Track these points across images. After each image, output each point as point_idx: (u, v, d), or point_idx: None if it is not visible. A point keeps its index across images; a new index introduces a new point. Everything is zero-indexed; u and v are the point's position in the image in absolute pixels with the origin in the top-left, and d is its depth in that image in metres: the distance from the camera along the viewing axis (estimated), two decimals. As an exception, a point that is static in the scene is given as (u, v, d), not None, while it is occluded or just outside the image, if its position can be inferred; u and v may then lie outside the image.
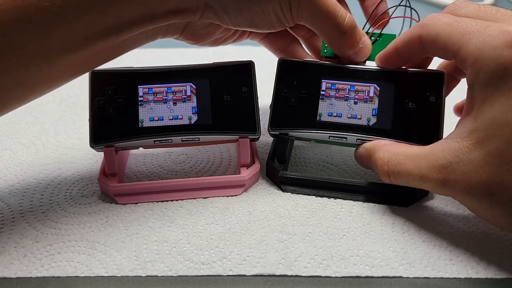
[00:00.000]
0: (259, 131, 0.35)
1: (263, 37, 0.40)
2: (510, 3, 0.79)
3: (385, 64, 0.34)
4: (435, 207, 0.33)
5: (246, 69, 0.35)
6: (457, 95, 0.38)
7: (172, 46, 0.61)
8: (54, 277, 0.28)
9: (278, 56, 0.40)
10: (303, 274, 0.28)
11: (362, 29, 0.35)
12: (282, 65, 0.36)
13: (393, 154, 0.31)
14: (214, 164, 0.39)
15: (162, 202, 0.34)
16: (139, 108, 0.34)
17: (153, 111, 0.34)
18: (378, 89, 0.34)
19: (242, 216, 0.33)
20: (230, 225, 0.32)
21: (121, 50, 0.32)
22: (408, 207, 0.33)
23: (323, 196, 0.34)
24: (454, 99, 0.39)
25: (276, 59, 0.37)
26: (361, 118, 0.34)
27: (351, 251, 0.30)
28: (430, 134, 0.32)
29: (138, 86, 0.34)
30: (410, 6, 0.35)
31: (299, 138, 0.36)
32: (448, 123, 0.33)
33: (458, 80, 0.38)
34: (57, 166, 0.38)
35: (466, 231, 0.31)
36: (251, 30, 0.33)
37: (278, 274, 0.28)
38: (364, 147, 0.34)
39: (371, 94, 0.34)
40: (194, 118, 0.35)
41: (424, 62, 0.36)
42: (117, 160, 0.34)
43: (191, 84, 0.35)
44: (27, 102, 0.30)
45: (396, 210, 0.33)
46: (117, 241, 0.31)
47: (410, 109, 0.33)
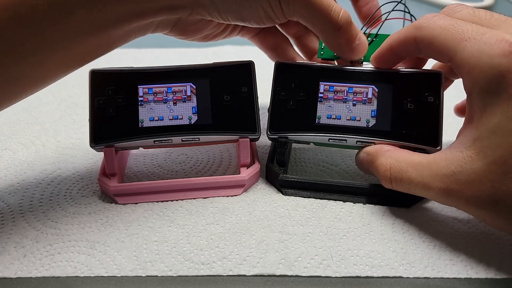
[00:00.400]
0: (259, 131, 0.35)
1: (254, 34, 0.40)
2: (510, 3, 0.79)
3: (379, 63, 0.34)
4: (435, 208, 0.33)
5: (246, 69, 0.35)
6: (456, 95, 0.38)
7: (172, 46, 0.61)
8: (54, 277, 0.28)
9: (269, 55, 0.40)
10: (303, 274, 0.28)
11: (361, 29, 0.35)
12: (279, 68, 0.35)
13: (395, 161, 0.31)
14: (214, 164, 0.39)
15: (162, 202, 0.34)
16: (139, 108, 0.34)
17: (153, 111, 0.34)
18: (377, 90, 0.34)
19: (242, 216, 0.33)
20: (230, 225, 0.32)
21: (111, 46, 0.32)
22: (408, 208, 0.33)
23: (324, 198, 0.34)
24: (453, 99, 0.40)
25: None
26: (360, 120, 0.34)
27: (351, 251, 0.30)
28: (429, 135, 0.32)
29: (138, 86, 0.34)
30: (408, 11, 0.35)
31: (299, 141, 0.36)
32: (447, 123, 0.33)
33: (452, 80, 0.38)
34: (57, 166, 0.38)
35: (466, 232, 0.31)
36: (242, 25, 0.33)
37: (278, 274, 0.28)
38: (366, 152, 0.33)
39: (370, 96, 0.34)
40: (194, 118, 0.35)
41: (419, 62, 0.36)
42: (117, 160, 0.34)
43: (191, 84, 0.35)
44: (19, 100, 0.30)
45: (396, 210, 0.33)
46: (117, 241, 0.31)
47: (409, 110, 0.33)
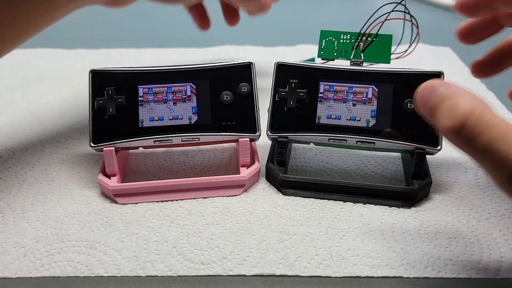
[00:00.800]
0: (259, 131, 0.35)
1: None
2: None
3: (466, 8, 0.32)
4: (435, 207, 0.33)
5: (246, 69, 0.35)
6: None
7: (172, 46, 0.61)
8: (54, 277, 0.28)
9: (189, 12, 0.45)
10: (303, 274, 0.28)
11: (361, 29, 0.35)
12: (279, 68, 0.35)
13: (484, 111, 0.23)
14: (214, 164, 0.39)
15: (162, 202, 0.34)
16: (139, 108, 0.34)
17: (153, 111, 0.34)
18: (377, 90, 0.34)
19: (242, 216, 0.33)
20: (230, 225, 0.32)
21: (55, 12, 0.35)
22: (408, 208, 0.33)
23: (324, 198, 0.34)
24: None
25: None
26: (360, 120, 0.34)
27: (351, 251, 0.30)
28: (429, 134, 0.32)
29: (138, 86, 0.35)
30: (408, 12, 0.35)
31: (299, 141, 0.36)
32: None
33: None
34: (57, 166, 0.38)
35: (466, 231, 0.31)
36: None
37: (278, 274, 0.28)
38: (440, 83, 0.25)
39: (370, 96, 0.34)
40: (194, 118, 0.35)
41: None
42: (117, 160, 0.34)
43: (191, 84, 0.35)
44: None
45: (396, 210, 0.33)
46: (117, 241, 0.31)
47: (409, 109, 0.33)
